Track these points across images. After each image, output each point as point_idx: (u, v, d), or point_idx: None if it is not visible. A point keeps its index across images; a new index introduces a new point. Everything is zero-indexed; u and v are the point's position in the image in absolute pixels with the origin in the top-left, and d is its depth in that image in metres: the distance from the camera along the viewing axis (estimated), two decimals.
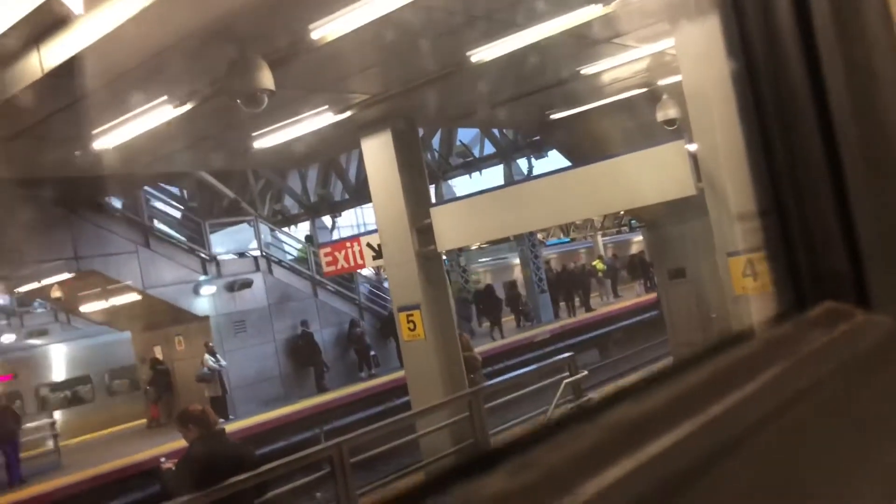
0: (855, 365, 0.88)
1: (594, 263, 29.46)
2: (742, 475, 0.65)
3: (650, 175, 8.45)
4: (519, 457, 0.54)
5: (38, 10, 5.80)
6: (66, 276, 15.32)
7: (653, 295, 23.06)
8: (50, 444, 15.68)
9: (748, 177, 1.13)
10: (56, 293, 16.26)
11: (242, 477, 5.84)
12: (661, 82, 11.29)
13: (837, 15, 1.02)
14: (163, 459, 6.29)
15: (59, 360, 20.61)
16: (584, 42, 9.05)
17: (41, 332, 24.16)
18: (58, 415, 17.91)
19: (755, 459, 0.67)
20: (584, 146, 13.28)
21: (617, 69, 10.32)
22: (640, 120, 12.04)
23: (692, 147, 8.02)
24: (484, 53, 8.19)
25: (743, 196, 1.24)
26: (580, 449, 0.56)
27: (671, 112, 11.23)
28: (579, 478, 0.52)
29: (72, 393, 20.35)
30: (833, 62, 1.01)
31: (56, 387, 20.27)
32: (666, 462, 0.57)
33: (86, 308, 18.40)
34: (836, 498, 0.77)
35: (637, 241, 34.92)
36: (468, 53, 8.18)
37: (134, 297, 16.44)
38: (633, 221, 32.37)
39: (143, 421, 18.17)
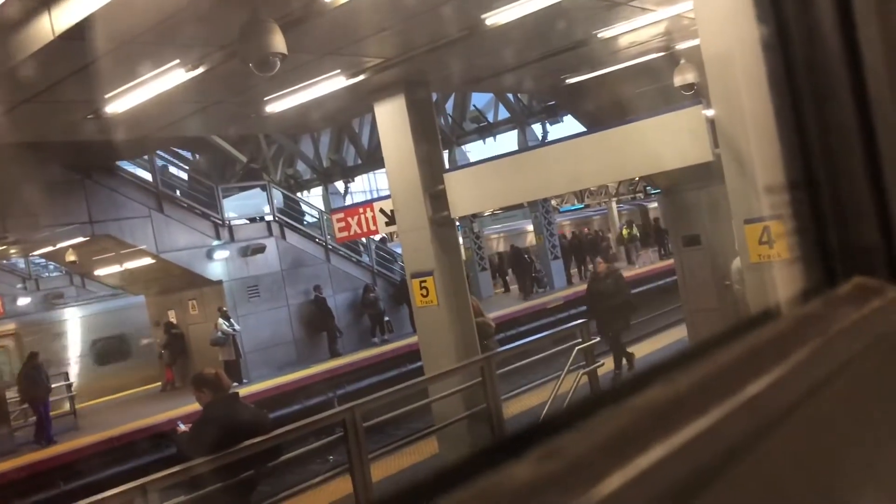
0: (887, 342, 0.86)
1: (622, 230, 29.43)
2: (778, 459, 0.62)
3: (666, 140, 8.35)
4: (545, 444, 0.52)
5: None
6: (80, 239, 15.42)
7: (669, 262, 22.99)
8: (66, 405, 15.93)
9: (774, 145, 1.09)
10: (71, 257, 16.37)
11: (256, 440, 5.89)
12: (679, 46, 11.11)
13: None
14: (178, 423, 6.33)
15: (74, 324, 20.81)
16: (601, 4, 8.90)
17: (57, 296, 24.41)
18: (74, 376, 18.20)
19: (791, 443, 0.65)
20: (599, 111, 13.15)
21: (634, 32, 10.16)
22: (658, 84, 11.89)
23: (709, 112, 7.91)
24: (499, 16, 8.07)
25: (769, 165, 1.20)
26: (608, 435, 0.54)
27: (689, 77, 11.06)
28: (608, 466, 0.50)
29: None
30: (869, 28, 0.97)
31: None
32: (698, 449, 0.55)
33: (100, 272, 18.54)
34: (873, 478, 0.74)
35: (652, 207, 34.73)
36: (483, 16, 8.06)
37: (148, 261, 16.54)
38: (648, 187, 32.21)
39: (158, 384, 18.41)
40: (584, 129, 13.46)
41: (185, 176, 21.49)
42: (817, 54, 1.01)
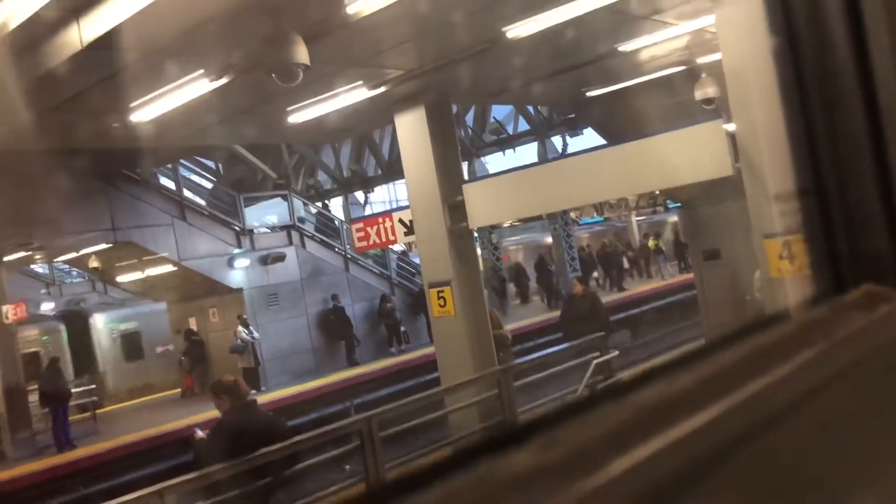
0: (894, 348, 0.86)
1: (649, 242, 29.34)
2: (774, 457, 0.64)
3: (687, 154, 8.33)
4: (547, 433, 0.53)
5: None
6: (103, 246, 15.59)
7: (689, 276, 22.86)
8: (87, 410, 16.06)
9: (787, 156, 1.10)
10: (94, 263, 16.54)
11: (273, 447, 5.92)
12: (700, 60, 11.10)
13: None
14: (197, 429, 6.38)
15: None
16: (623, 18, 8.92)
17: (79, 301, 24.66)
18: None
19: (788, 442, 0.66)
20: (620, 124, 13.13)
21: (655, 46, 10.16)
22: (678, 98, 11.87)
23: (730, 126, 7.89)
24: (520, 29, 8.10)
25: (782, 176, 1.21)
26: (609, 427, 0.56)
27: (710, 91, 11.04)
28: (607, 456, 0.51)
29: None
30: (879, 38, 0.98)
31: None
32: (696, 442, 0.56)
33: (122, 278, 18.72)
34: (871, 483, 0.75)
35: (672, 221, 34.57)
36: (504, 29, 8.10)
37: (169, 268, 16.68)
38: (668, 201, 32.07)
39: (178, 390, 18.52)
40: (605, 142, 13.45)
41: (207, 184, 21.68)
42: (828, 64, 1.02)
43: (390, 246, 20.93)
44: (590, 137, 20.15)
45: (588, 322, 11.38)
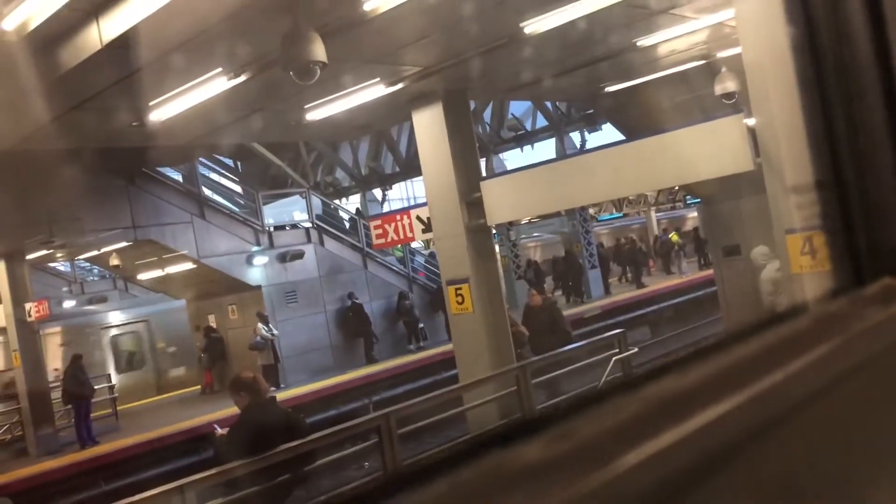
0: None
1: (671, 236, 29.17)
2: (788, 452, 0.63)
3: (707, 149, 8.26)
4: (558, 426, 0.53)
5: None
6: (124, 244, 15.72)
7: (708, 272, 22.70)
8: (108, 407, 16.22)
9: (807, 150, 1.09)
10: (114, 261, 16.69)
11: (292, 444, 5.94)
12: (719, 55, 11.01)
13: None
14: (216, 426, 6.42)
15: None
16: (641, 13, 8.86)
17: (101, 299, 24.88)
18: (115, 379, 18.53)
19: (803, 436, 0.65)
20: (639, 119, 13.06)
21: (674, 41, 10.09)
22: (698, 93, 11.79)
23: (751, 121, 7.82)
24: (538, 24, 8.07)
25: (801, 169, 1.20)
26: (620, 421, 0.55)
27: (729, 85, 10.95)
28: (618, 449, 0.51)
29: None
30: None
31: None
32: (709, 436, 0.56)
33: (143, 276, 18.88)
34: (886, 478, 0.74)
35: (692, 217, 34.37)
36: (522, 24, 8.08)
37: (189, 266, 16.80)
38: (687, 197, 31.88)
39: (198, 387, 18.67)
40: (623, 138, 13.38)
41: (226, 182, 21.80)
42: (847, 56, 1.01)
43: (415, 246, 21.11)
44: (608, 133, 20.11)
45: (547, 335, 10.92)
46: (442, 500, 0.47)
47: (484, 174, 11.86)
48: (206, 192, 17.80)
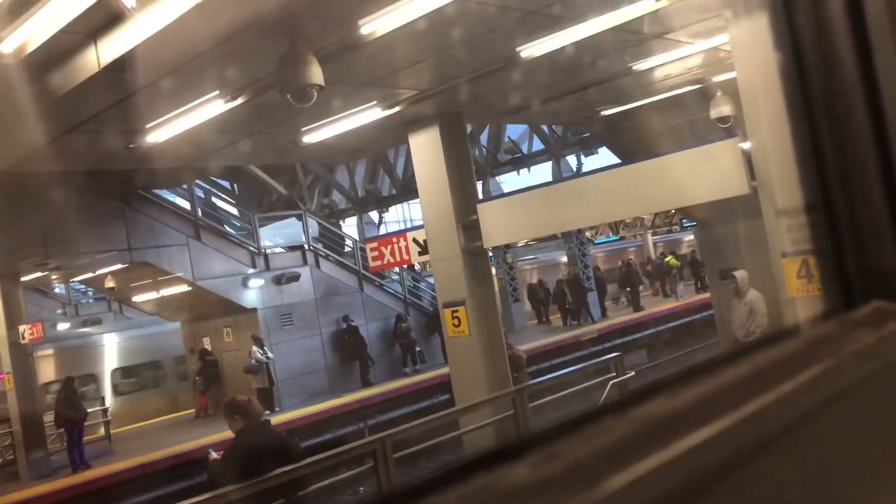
0: None
1: (667, 259, 29.21)
2: (776, 474, 0.63)
3: (702, 173, 8.31)
4: (546, 447, 0.53)
5: (96, 5, 5.93)
6: (119, 266, 15.69)
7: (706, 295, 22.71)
8: (101, 430, 16.10)
9: (796, 173, 1.10)
10: (110, 283, 16.65)
11: (286, 468, 5.90)
12: (715, 79, 11.10)
13: (891, 6, 0.99)
14: (210, 450, 6.37)
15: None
16: (636, 38, 8.94)
17: (95, 322, 24.79)
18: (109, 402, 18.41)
19: (791, 458, 0.65)
20: (635, 143, 13.13)
21: (669, 65, 10.18)
22: (693, 117, 11.86)
23: (746, 145, 7.87)
24: (534, 49, 8.14)
25: (791, 193, 1.21)
26: (608, 442, 0.55)
27: (725, 109, 11.04)
28: (605, 471, 0.51)
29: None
30: (886, 54, 0.98)
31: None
32: (698, 458, 0.55)
33: (138, 298, 18.82)
34: (876, 500, 0.74)
35: (688, 240, 34.45)
36: (518, 48, 8.14)
37: (184, 288, 16.75)
38: (683, 220, 31.97)
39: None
40: (620, 161, 13.44)
41: (222, 204, 21.82)
42: (835, 80, 1.02)
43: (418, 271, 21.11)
44: (605, 156, 20.21)
45: None
46: None
47: (481, 197, 11.90)
48: (202, 214, 17.79)
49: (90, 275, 17.29)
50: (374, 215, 25.67)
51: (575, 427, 0.57)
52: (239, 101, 8.00)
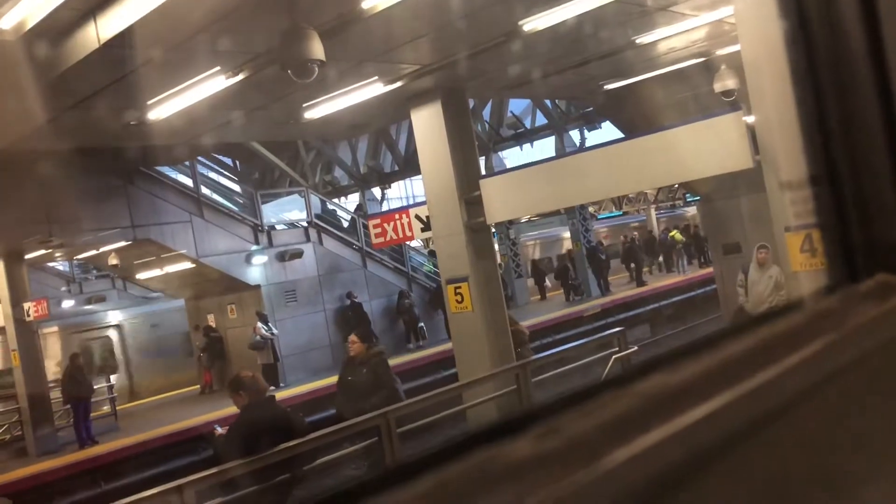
0: None
1: (672, 234, 29.16)
2: (781, 448, 0.63)
3: (706, 147, 8.26)
4: (546, 422, 0.53)
5: None
6: (122, 243, 15.71)
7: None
8: (106, 407, 16.21)
9: (801, 145, 1.09)
10: (113, 261, 16.67)
11: (291, 443, 5.94)
12: (719, 52, 11.01)
13: None
14: (216, 426, 6.42)
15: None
16: (639, 10, 8.86)
17: (99, 299, 24.87)
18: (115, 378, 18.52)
19: (796, 433, 0.65)
20: (638, 117, 13.06)
21: (673, 38, 10.09)
22: (697, 91, 11.79)
23: (750, 118, 7.82)
24: (536, 22, 8.07)
25: (796, 165, 1.20)
26: (611, 416, 0.55)
27: (729, 83, 10.96)
28: (607, 445, 0.51)
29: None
30: (893, 23, 0.96)
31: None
32: (700, 432, 0.55)
33: (142, 275, 18.87)
34: (880, 474, 0.74)
35: (691, 214, 34.40)
36: (520, 22, 8.07)
37: (188, 265, 16.78)
38: (687, 195, 31.90)
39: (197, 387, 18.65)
40: (623, 136, 13.37)
41: (224, 181, 21.79)
42: (841, 50, 1.00)
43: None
44: (608, 131, 20.12)
45: (366, 394, 7.96)
46: (428, 497, 0.46)
47: (483, 172, 11.86)
48: (205, 191, 17.78)
49: (94, 252, 17.32)
50: (376, 192, 25.62)
51: (576, 402, 0.57)
52: (240, 76, 7.96)
